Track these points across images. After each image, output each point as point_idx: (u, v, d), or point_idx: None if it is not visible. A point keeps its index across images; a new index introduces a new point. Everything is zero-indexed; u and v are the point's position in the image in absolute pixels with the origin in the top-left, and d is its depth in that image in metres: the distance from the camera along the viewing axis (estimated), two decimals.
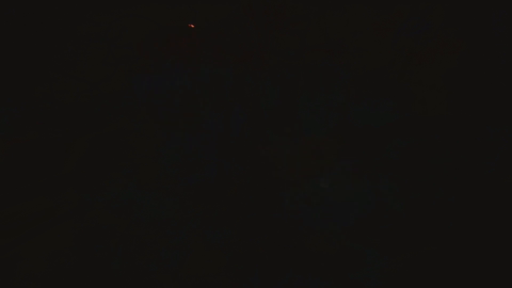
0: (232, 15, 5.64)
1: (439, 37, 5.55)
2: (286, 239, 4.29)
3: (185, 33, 5.49)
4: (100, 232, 4.40)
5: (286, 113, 5.34)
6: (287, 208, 4.59)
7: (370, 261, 4.09)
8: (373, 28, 5.53)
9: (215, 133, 5.29)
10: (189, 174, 4.96)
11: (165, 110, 5.28)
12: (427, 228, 4.35)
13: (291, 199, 4.68)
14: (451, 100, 5.16)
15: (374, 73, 5.48)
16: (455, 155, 4.77)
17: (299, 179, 4.89)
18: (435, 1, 5.76)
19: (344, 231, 4.37)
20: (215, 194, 4.75)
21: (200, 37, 5.53)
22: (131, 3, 5.53)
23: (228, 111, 5.37)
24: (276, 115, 5.35)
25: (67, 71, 5.21)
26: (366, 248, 4.18)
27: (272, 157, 5.08)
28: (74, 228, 4.42)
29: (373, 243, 4.24)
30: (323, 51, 5.62)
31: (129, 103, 5.20)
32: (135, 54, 5.37)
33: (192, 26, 4.12)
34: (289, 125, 5.27)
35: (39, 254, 4.22)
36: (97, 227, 4.44)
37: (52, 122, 5.01)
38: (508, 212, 4.32)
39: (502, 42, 5.48)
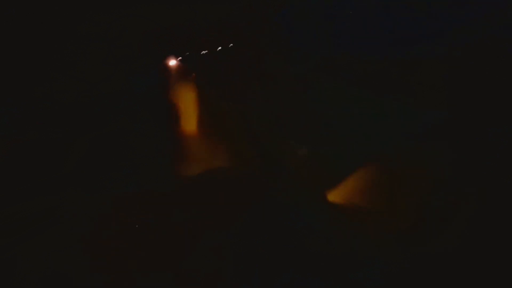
0: (232, 15, 5.64)
1: (440, 38, 5.56)
2: (286, 239, 4.28)
3: (185, 33, 5.49)
4: (100, 232, 4.40)
5: (286, 113, 5.33)
6: (287, 208, 4.59)
7: (370, 261, 4.08)
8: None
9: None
10: (188, 174, 4.96)
11: (165, 110, 5.27)
12: (427, 228, 4.35)
13: (292, 199, 4.68)
14: (451, 100, 5.16)
15: (374, 73, 5.48)
16: (455, 155, 4.76)
17: (300, 179, 4.89)
18: (435, 1, 5.77)
19: (345, 231, 4.37)
20: (215, 194, 4.75)
21: (200, 37, 5.53)
22: (131, 3, 5.52)
23: (229, 110, 5.37)
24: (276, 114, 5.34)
25: (67, 71, 5.21)
26: (366, 248, 4.18)
27: (272, 157, 5.08)
28: (74, 228, 4.41)
29: (373, 243, 4.23)
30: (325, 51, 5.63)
31: (129, 103, 5.19)
32: (135, 54, 5.37)
33: None
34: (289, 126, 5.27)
35: (39, 254, 4.22)
36: (97, 227, 4.43)
37: (52, 122, 5.01)
38: (508, 212, 4.32)
39: (502, 43, 5.48)
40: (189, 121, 5.26)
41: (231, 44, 5.23)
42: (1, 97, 5.07)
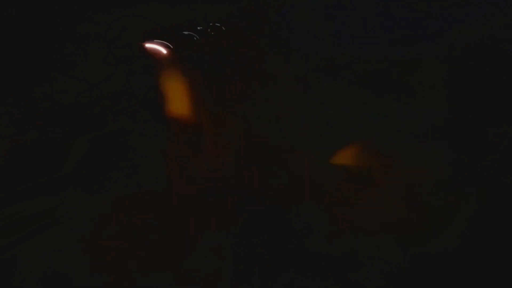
0: (232, 15, 5.64)
1: (440, 38, 5.55)
2: (286, 239, 4.28)
3: (185, 33, 5.49)
4: (100, 232, 4.40)
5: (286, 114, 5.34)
6: (287, 208, 4.59)
7: (370, 261, 4.08)
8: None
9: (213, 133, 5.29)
10: (188, 174, 4.96)
11: (164, 110, 5.27)
12: (427, 228, 4.35)
13: (292, 199, 4.68)
14: (451, 100, 5.16)
15: (374, 73, 5.48)
16: (455, 155, 4.77)
17: (300, 179, 4.90)
18: (435, 1, 5.77)
19: (344, 231, 4.38)
20: (215, 194, 4.75)
21: (200, 37, 5.53)
22: (131, 3, 5.52)
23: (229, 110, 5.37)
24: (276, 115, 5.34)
25: (67, 71, 5.22)
26: (366, 248, 4.18)
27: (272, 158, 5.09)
28: (74, 228, 4.41)
29: (373, 243, 4.23)
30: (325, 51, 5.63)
31: (129, 103, 5.19)
32: (135, 54, 5.37)
33: None
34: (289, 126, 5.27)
35: (39, 254, 4.22)
36: (97, 227, 4.44)
37: (52, 122, 5.01)
38: (508, 212, 4.32)
39: (502, 43, 5.48)
40: (189, 121, 5.26)
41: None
42: (1, 97, 5.07)
